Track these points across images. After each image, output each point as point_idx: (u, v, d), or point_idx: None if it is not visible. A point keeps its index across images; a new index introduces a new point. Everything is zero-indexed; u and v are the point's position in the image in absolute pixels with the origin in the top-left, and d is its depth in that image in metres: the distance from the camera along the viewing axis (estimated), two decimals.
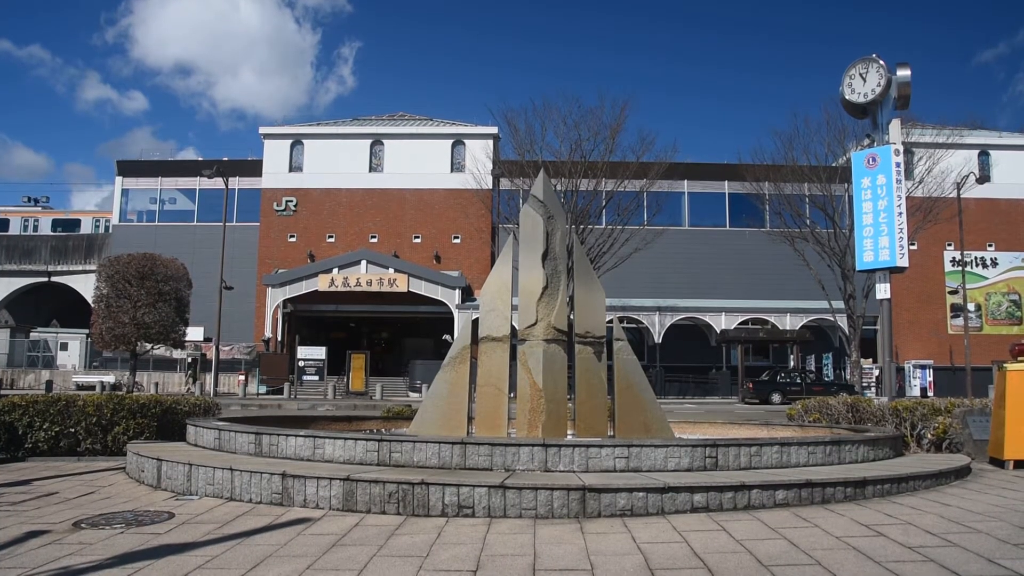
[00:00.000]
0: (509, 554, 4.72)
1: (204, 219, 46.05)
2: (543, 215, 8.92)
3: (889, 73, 12.66)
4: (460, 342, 8.98)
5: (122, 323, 28.07)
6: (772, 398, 35.45)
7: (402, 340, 48.92)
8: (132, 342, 28.85)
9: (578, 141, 36.47)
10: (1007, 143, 47.62)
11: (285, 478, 6.23)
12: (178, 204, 47.91)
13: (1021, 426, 8.71)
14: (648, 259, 39.00)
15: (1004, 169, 46.17)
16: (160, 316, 28.65)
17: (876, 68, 12.80)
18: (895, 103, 12.76)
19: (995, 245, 46.00)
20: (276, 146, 46.26)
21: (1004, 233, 46.11)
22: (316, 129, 47.33)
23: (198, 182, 45.59)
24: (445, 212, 44.97)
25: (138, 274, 28.53)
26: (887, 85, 12.64)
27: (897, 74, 12.61)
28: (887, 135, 12.76)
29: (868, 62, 12.95)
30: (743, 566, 4.42)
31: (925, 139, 38.63)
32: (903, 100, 12.72)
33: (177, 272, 30.02)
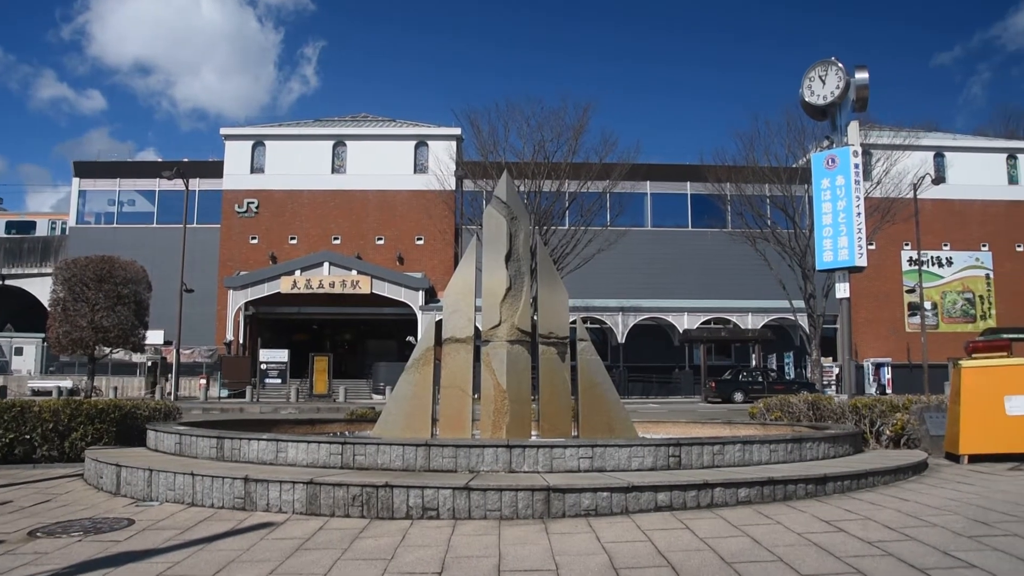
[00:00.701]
0: (474, 555, 4.72)
1: (164, 221, 45.48)
2: (506, 216, 8.92)
3: (847, 76, 12.84)
4: (424, 344, 8.95)
5: (79, 327, 27.59)
6: (734, 397, 35.80)
7: (365, 342, 48.68)
8: (90, 346, 28.37)
9: (541, 142, 36.59)
10: (961, 145, 48.63)
11: (247, 482, 6.17)
12: (137, 206, 47.27)
13: (976, 422, 8.88)
14: (611, 260, 39.20)
15: (958, 170, 47.07)
16: (119, 320, 28.21)
17: (835, 71, 12.97)
18: (853, 105, 12.94)
19: (950, 245, 46.87)
20: (237, 147, 45.83)
21: (959, 233, 47.02)
22: (278, 130, 46.99)
23: (158, 183, 45.05)
24: (408, 213, 44.84)
25: (96, 277, 28.05)
26: (846, 87, 12.82)
27: (855, 77, 12.79)
28: (846, 137, 12.94)
29: (827, 65, 13.13)
30: (707, 564, 4.45)
31: (883, 141, 39.25)
32: (861, 102, 12.90)
33: (136, 275, 29.57)
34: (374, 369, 40.81)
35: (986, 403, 8.88)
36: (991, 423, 8.83)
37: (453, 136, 45.19)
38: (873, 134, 37.95)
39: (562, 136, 37.03)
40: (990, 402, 8.87)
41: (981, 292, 47.08)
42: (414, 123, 48.08)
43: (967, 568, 4.28)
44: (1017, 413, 8.82)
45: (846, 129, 12.98)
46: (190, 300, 38.36)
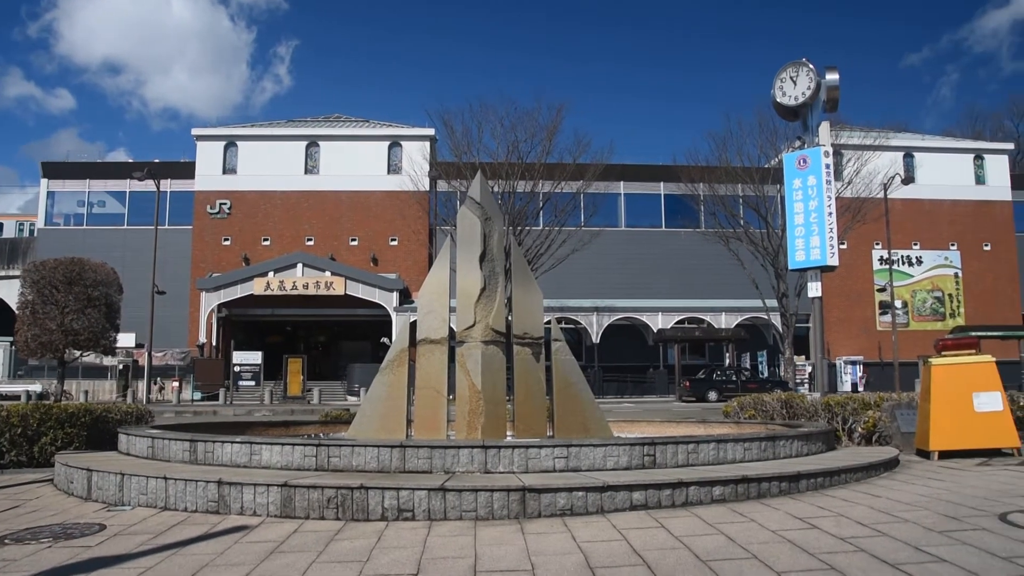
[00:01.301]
0: (450, 556, 4.71)
1: (135, 222, 45.03)
2: (480, 217, 8.92)
3: (818, 77, 12.95)
4: (398, 345, 8.92)
5: (49, 330, 27.25)
6: (708, 396, 35.99)
7: (340, 343, 48.49)
8: (60, 350, 28.03)
9: (515, 143, 36.64)
10: (930, 145, 49.28)
11: (221, 485, 6.11)
12: (107, 207, 46.77)
13: (946, 419, 8.98)
14: (585, 260, 39.32)
15: (927, 170, 47.64)
16: (89, 322, 27.89)
17: (806, 72, 13.08)
18: (824, 106, 13.05)
19: (920, 244, 47.43)
20: (209, 148, 45.49)
21: (928, 232, 47.60)
22: (250, 131, 46.69)
23: (128, 184, 44.63)
24: (382, 214, 44.71)
25: (65, 279, 27.71)
26: (816, 88, 12.93)
27: (826, 78, 12.90)
28: (817, 137, 13.05)
29: (798, 66, 13.23)
30: (682, 562, 4.47)
31: (853, 141, 39.67)
32: (832, 103, 13.02)
33: (107, 277, 29.25)
34: (348, 370, 40.67)
35: (955, 400, 8.98)
36: (960, 420, 8.94)
37: (427, 137, 45.12)
38: (844, 134, 38.36)
39: (536, 136, 37.15)
40: (959, 399, 8.98)
41: (950, 291, 47.69)
42: (388, 124, 47.96)
43: (938, 563, 4.33)
44: (985, 409, 8.94)
45: (817, 130, 13.09)
46: (162, 302, 38.01)
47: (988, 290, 47.61)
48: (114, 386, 39.22)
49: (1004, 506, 5.88)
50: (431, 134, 44.78)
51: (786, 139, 33.82)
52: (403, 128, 46.64)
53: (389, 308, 40.83)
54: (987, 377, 9.05)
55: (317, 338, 49.38)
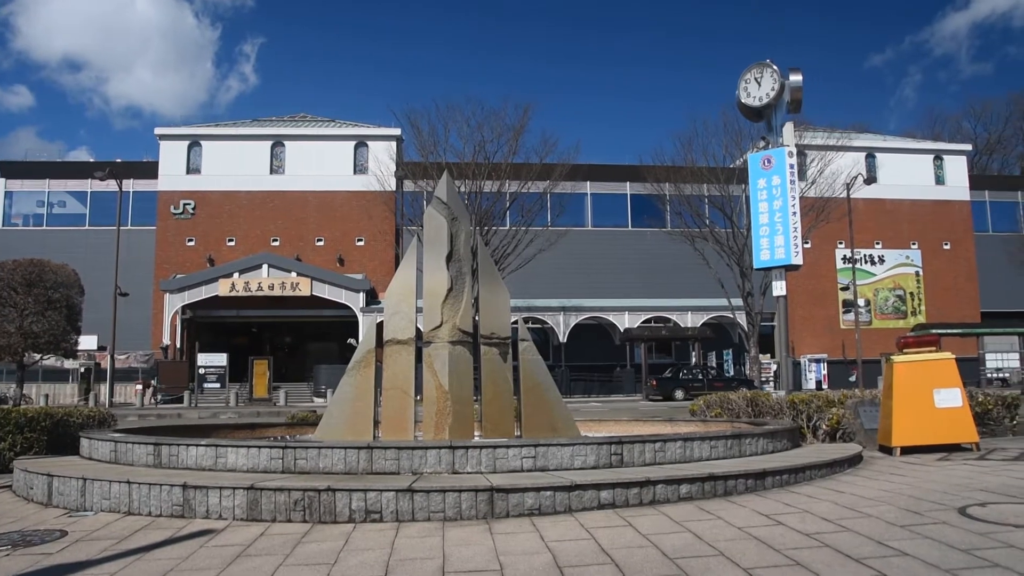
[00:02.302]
0: (418, 558, 4.70)
1: (97, 223, 44.41)
2: (447, 217, 8.91)
3: (782, 78, 13.05)
4: (365, 345, 8.89)
5: (7, 333, 26.75)
6: (675, 394, 36.20)
7: (306, 345, 48.15)
8: (19, 353, 27.53)
9: (481, 143, 36.61)
10: (891, 146, 50.07)
11: (186, 489, 6.05)
12: (68, 207, 46.07)
13: (907, 415, 9.12)
14: (552, 260, 39.41)
15: (889, 171, 48.35)
16: (49, 325, 27.43)
17: (770, 73, 13.18)
18: (788, 107, 13.16)
19: (882, 243, 48.10)
20: (172, 147, 44.98)
21: (890, 232, 48.29)
22: (215, 130, 46.24)
23: (89, 184, 44.02)
24: (348, 214, 44.49)
25: (24, 281, 27.21)
26: (780, 89, 13.03)
27: (790, 79, 13.01)
28: (781, 138, 13.16)
29: (762, 67, 13.33)
30: (649, 560, 4.49)
31: (817, 142, 40.11)
32: (795, 104, 13.13)
33: (68, 278, 28.78)
34: (315, 372, 40.44)
35: (917, 397, 9.12)
36: (922, 416, 9.08)
37: (393, 136, 44.95)
38: (808, 135, 38.76)
39: (502, 136, 37.16)
40: (920, 395, 9.12)
41: (912, 289, 48.41)
42: (354, 123, 47.75)
43: (900, 556, 4.39)
44: (945, 406, 9.09)
45: (781, 130, 13.20)
46: (125, 304, 37.52)
47: (948, 288, 48.39)
48: (76, 389, 38.64)
49: (963, 500, 5.98)
50: (397, 134, 44.63)
51: (751, 139, 34.20)
52: (369, 128, 46.46)
53: (356, 309, 40.64)
54: (947, 374, 9.20)
55: (283, 339, 49.00)
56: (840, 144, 40.38)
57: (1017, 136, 71.33)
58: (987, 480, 6.96)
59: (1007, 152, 72.30)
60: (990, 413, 11.05)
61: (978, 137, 71.57)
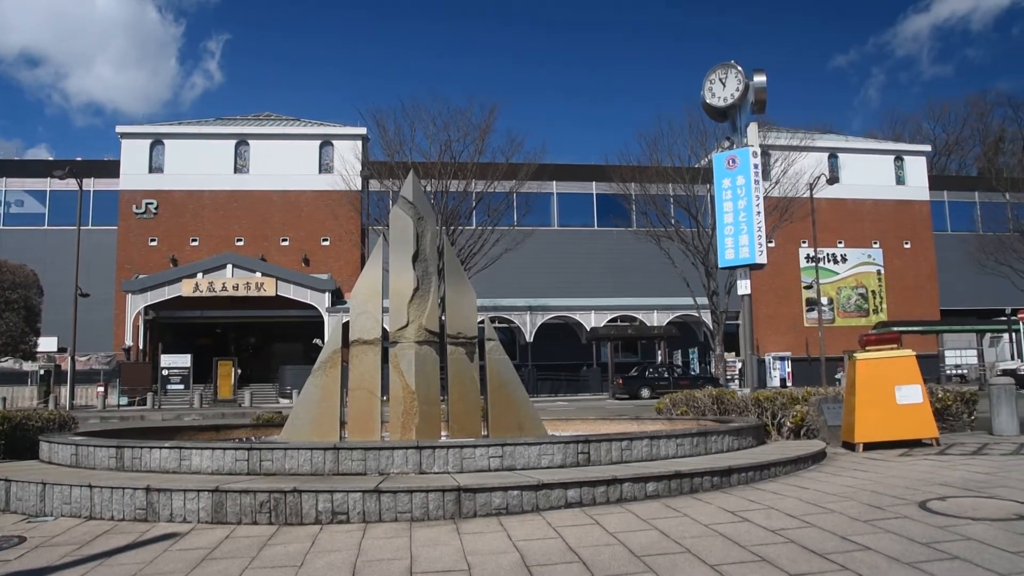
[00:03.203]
0: (385, 559, 4.68)
1: (56, 223, 43.62)
2: (413, 216, 8.88)
3: (747, 79, 13.16)
4: (331, 346, 8.84)
5: None
6: (641, 393, 36.34)
7: (271, 345, 47.74)
8: None
9: (448, 142, 36.51)
10: (853, 146, 50.76)
11: (149, 492, 5.97)
12: (26, 207, 45.21)
13: (870, 411, 9.24)
14: (519, 259, 39.40)
15: (851, 171, 48.99)
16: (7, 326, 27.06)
17: (735, 74, 13.29)
18: (752, 107, 13.28)
19: (844, 242, 48.70)
20: (135, 146, 44.35)
21: (852, 231, 48.92)
22: (178, 128, 45.68)
23: (49, 183, 43.24)
24: (314, 214, 44.19)
25: None
26: (745, 90, 13.14)
27: (754, 80, 13.13)
28: (745, 138, 13.28)
29: (727, 68, 13.44)
30: (617, 558, 4.51)
31: (781, 142, 40.51)
32: (760, 104, 13.25)
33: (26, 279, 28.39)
34: (280, 372, 40.13)
35: (879, 393, 9.25)
36: (883, 412, 9.21)
37: (359, 136, 44.71)
38: (772, 135, 39.12)
39: (468, 136, 37.07)
40: (882, 392, 9.25)
41: (873, 287, 49.07)
42: (319, 122, 47.44)
43: (863, 551, 4.45)
44: (906, 402, 9.23)
45: (746, 130, 13.32)
46: (86, 305, 36.93)
47: (909, 286, 49.12)
48: (35, 392, 37.88)
49: (924, 494, 6.07)
50: (363, 133, 44.40)
51: (715, 139, 34.38)
52: (335, 127, 46.18)
53: (321, 309, 40.38)
54: (908, 370, 9.34)
55: (248, 340, 48.54)
56: (803, 144, 40.82)
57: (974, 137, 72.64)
58: (947, 475, 7.07)
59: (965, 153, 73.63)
60: (950, 409, 11.24)
61: (937, 138, 72.80)
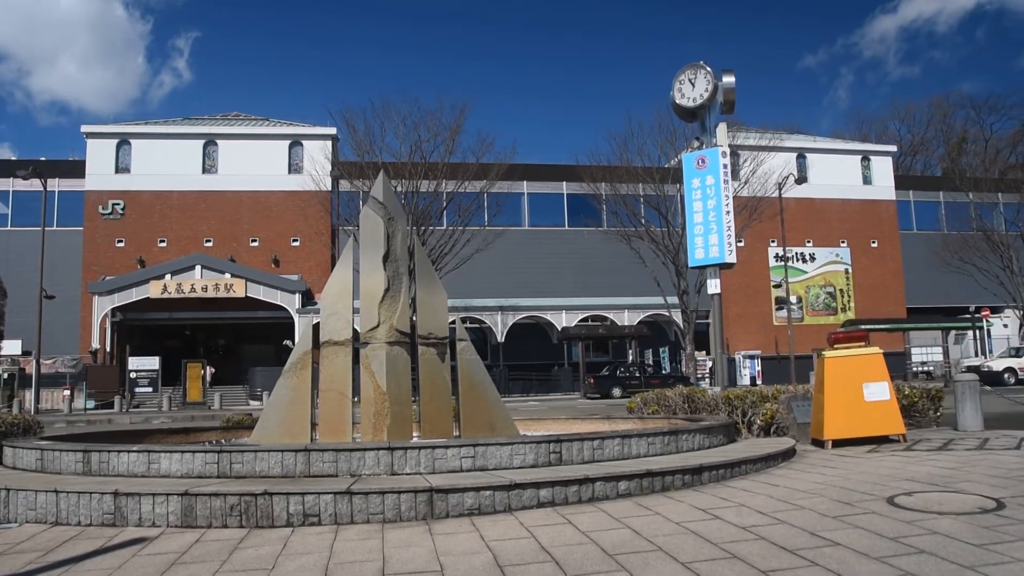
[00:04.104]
0: (358, 560, 4.65)
1: (20, 223, 43.04)
2: (383, 217, 8.85)
3: (716, 79, 13.25)
4: (301, 347, 8.78)
5: None
6: (613, 392, 36.46)
7: (241, 347, 47.42)
8: None
9: (418, 142, 36.43)
10: (821, 147, 51.31)
11: (117, 496, 5.90)
12: None
13: (838, 408, 9.33)
14: (490, 259, 39.41)
15: (819, 171, 49.51)
16: None
17: (704, 74, 13.37)
18: (721, 108, 13.36)
19: (812, 241, 49.19)
20: (100, 145, 43.79)
21: (820, 230, 49.43)
22: (145, 128, 45.18)
23: (12, 183, 42.57)
24: (283, 214, 43.90)
25: None
26: (714, 91, 13.22)
27: (723, 80, 13.21)
28: (715, 138, 13.36)
29: (696, 68, 13.52)
30: (589, 557, 4.52)
31: (750, 142, 40.83)
32: (729, 105, 13.33)
33: None
34: (250, 374, 39.84)
35: (847, 390, 9.35)
36: (852, 409, 9.31)
37: (328, 136, 44.47)
38: (741, 135, 39.43)
39: (439, 136, 37.04)
40: (850, 389, 9.35)
41: (841, 286, 49.61)
42: (288, 122, 47.15)
43: (832, 546, 4.50)
44: (874, 399, 9.33)
45: (715, 131, 13.40)
46: (51, 307, 36.43)
47: (876, 285, 49.72)
48: None
49: (892, 490, 6.14)
50: (333, 133, 44.17)
51: (685, 140, 34.63)
52: (304, 127, 45.92)
53: (292, 310, 40.15)
54: (875, 368, 9.44)
55: (218, 342, 48.17)
56: (772, 145, 41.19)
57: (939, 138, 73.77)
58: (913, 470, 7.16)
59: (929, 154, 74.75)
60: (916, 405, 11.38)
61: (903, 139, 73.78)
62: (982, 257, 43.65)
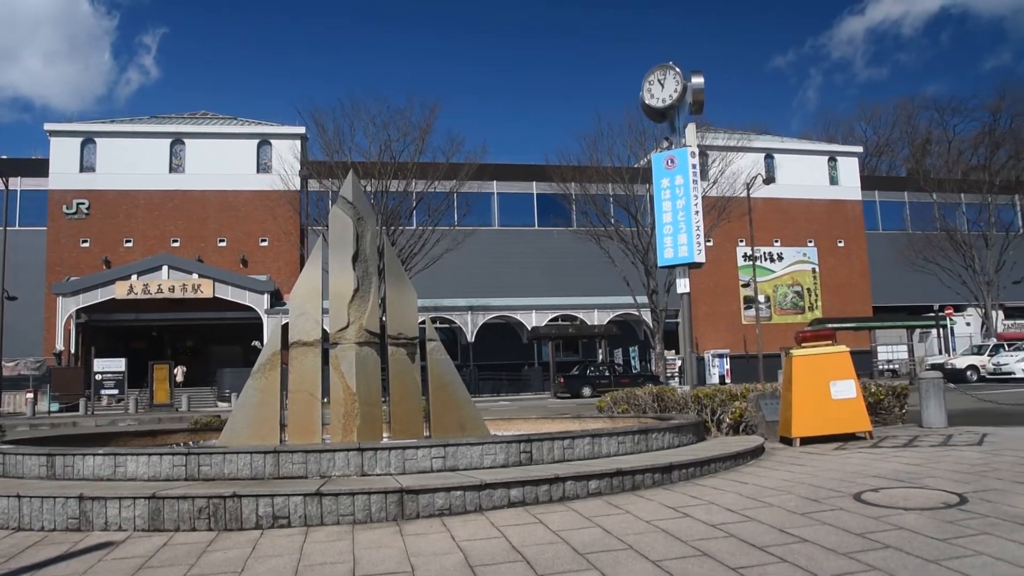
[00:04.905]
0: (328, 562, 4.63)
1: None
2: (353, 216, 8.80)
3: (685, 80, 13.31)
4: (270, 348, 8.72)
5: None
6: (583, 391, 36.57)
7: (209, 348, 46.99)
8: None
9: (387, 142, 36.30)
10: (788, 147, 51.83)
11: (82, 500, 5.81)
12: None
13: (806, 406, 9.42)
14: (459, 259, 39.38)
15: (787, 171, 50.01)
16: None
17: (673, 75, 13.44)
18: (690, 108, 13.42)
19: (780, 241, 49.66)
20: (65, 144, 43.19)
21: (788, 230, 49.91)
22: (110, 127, 44.63)
23: None
24: (252, 214, 43.56)
25: None
26: (683, 91, 13.29)
27: (692, 81, 13.28)
28: (684, 138, 13.42)
29: (665, 69, 13.58)
30: (560, 556, 4.53)
31: (718, 142, 41.10)
32: (697, 105, 13.40)
33: None
34: (219, 376, 39.53)
35: (814, 389, 9.44)
36: (819, 407, 9.40)
37: (297, 135, 44.19)
38: (710, 136, 39.72)
39: (408, 136, 36.94)
40: (818, 388, 9.44)
41: (808, 285, 50.13)
42: (257, 121, 46.80)
43: (800, 543, 4.54)
44: (841, 397, 9.44)
45: (684, 131, 13.47)
46: (13, 308, 35.90)
47: (842, 284, 50.30)
48: None
49: (859, 486, 6.21)
50: (302, 132, 43.91)
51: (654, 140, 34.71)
52: (273, 126, 45.61)
53: (260, 311, 39.86)
54: (842, 366, 9.55)
55: (185, 343, 47.70)
56: (740, 145, 41.50)
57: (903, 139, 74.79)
58: (879, 467, 7.25)
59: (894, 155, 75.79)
60: (882, 403, 11.51)
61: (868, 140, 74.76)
62: (945, 256, 44.34)
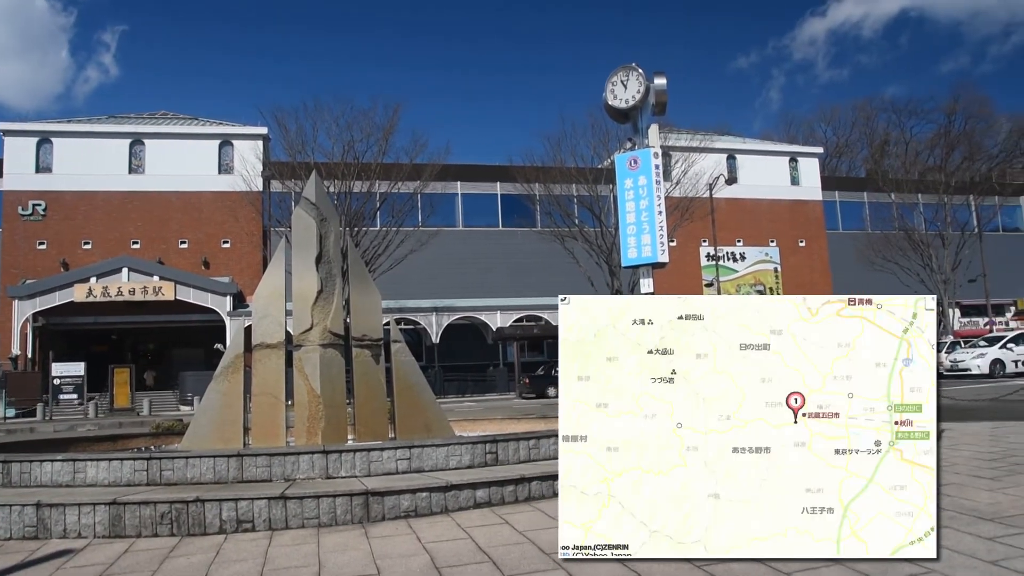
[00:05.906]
0: (293, 566, 4.61)
1: None
2: (316, 217, 8.76)
3: (647, 81, 13.39)
4: (233, 350, 8.65)
5: None
6: (548, 392, 36.57)
7: (171, 351, 46.38)
8: None
9: (351, 142, 36.09)
10: (750, 148, 52.37)
11: (40, 508, 5.73)
12: None
13: None
14: (424, 260, 39.28)
15: (748, 171, 50.53)
16: None
17: (636, 76, 13.50)
18: (653, 109, 13.49)
19: (743, 241, 50.16)
20: (20, 144, 42.41)
21: (750, 230, 50.43)
22: (68, 127, 43.91)
23: None
24: (213, 215, 43.09)
25: None
26: (646, 92, 13.36)
27: (655, 82, 13.36)
28: (647, 139, 13.49)
29: (628, 70, 13.64)
30: (527, 556, 4.54)
31: (681, 143, 41.37)
32: (660, 106, 13.48)
33: None
34: (181, 379, 39.02)
35: None
36: None
37: (260, 135, 43.79)
38: (672, 136, 40.00)
39: (372, 136, 36.76)
40: None
41: (771, 284, 50.67)
42: (218, 122, 46.32)
43: None
44: None
45: (647, 132, 13.53)
46: None
47: (804, 283, 50.86)
48: None
49: None
50: (264, 133, 43.52)
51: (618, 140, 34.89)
52: (234, 127, 45.17)
53: (223, 313, 39.44)
54: None
55: (147, 346, 47.06)
56: (703, 146, 41.82)
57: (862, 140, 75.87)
58: None
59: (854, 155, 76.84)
60: None
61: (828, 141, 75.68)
62: (904, 256, 45.07)
